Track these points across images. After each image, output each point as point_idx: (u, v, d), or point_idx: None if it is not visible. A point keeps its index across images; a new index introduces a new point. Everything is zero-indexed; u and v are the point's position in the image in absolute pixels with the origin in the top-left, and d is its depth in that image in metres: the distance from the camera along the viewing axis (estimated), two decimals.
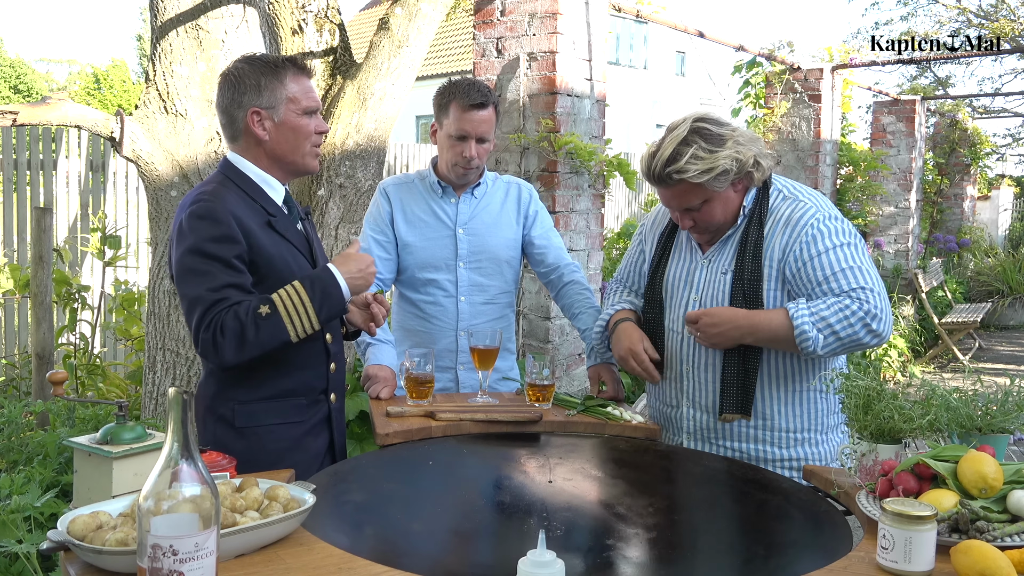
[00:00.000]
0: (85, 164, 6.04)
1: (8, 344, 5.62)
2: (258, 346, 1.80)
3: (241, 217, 1.86)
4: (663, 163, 1.96)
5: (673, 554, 1.49)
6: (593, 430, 2.13)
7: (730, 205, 2.04)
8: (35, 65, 31.68)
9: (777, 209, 2.04)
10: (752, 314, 1.98)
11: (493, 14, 4.41)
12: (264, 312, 1.79)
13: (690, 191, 1.98)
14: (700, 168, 1.93)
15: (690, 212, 2.02)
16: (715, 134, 1.97)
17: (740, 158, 1.97)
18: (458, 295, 2.53)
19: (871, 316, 1.88)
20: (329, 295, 1.86)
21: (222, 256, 1.81)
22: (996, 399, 1.65)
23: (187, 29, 3.66)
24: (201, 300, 1.79)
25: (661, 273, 2.20)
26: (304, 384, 1.99)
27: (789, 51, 7.50)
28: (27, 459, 2.95)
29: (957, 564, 1.23)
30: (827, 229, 1.97)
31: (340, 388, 2.11)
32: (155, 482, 1.04)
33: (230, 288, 1.81)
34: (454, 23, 5.63)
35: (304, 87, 1.95)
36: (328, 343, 2.02)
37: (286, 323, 1.81)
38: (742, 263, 2.02)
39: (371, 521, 1.59)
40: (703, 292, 2.09)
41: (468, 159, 2.45)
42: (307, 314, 1.84)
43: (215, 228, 1.81)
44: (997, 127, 36.11)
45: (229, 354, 1.79)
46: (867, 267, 1.95)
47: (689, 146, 1.94)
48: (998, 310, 10.66)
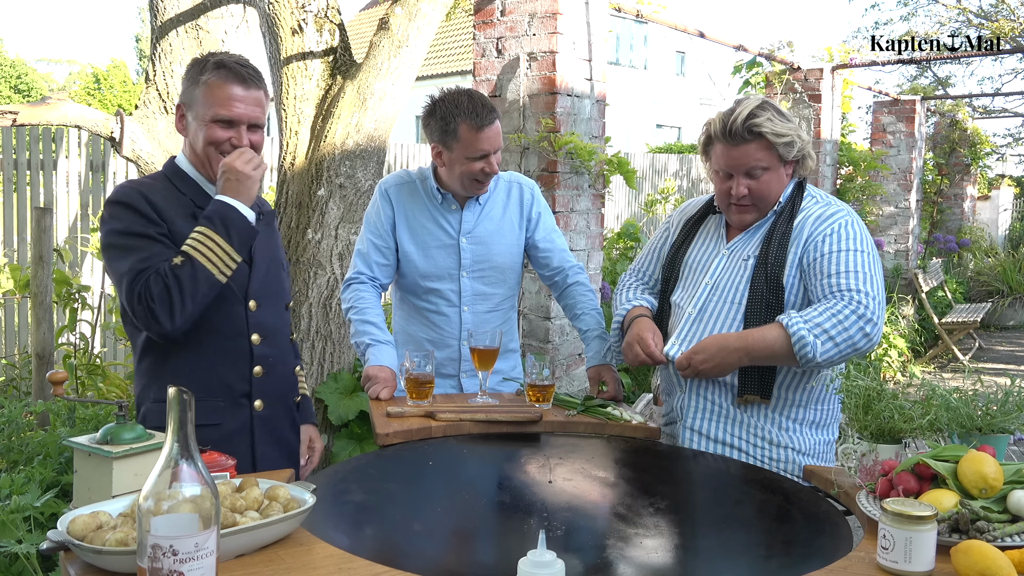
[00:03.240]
0: (85, 164, 6.04)
1: (8, 344, 5.62)
2: (191, 297, 1.78)
3: (159, 204, 1.86)
4: (744, 117, 2.01)
5: (673, 554, 1.49)
6: (593, 430, 2.13)
7: (781, 186, 2.09)
8: (35, 65, 31.66)
9: (808, 208, 2.09)
10: (743, 334, 1.97)
11: (493, 14, 4.41)
12: (179, 262, 1.78)
13: (760, 151, 2.02)
14: (777, 129, 2.01)
15: (750, 178, 2.05)
16: (782, 111, 2.06)
17: (804, 137, 2.06)
18: (461, 305, 2.50)
19: (865, 319, 1.89)
20: (230, 219, 1.83)
21: (146, 233, 1.82)
22: (996, 399, 1.65)
23: (187, 29, 3.66)
24: (126, 273, 1.79)
25: (682, 255, 2.23)
26: (221, 384, 1.92)
27: (789, 51, 7.50)
28: (27, 459, 2.95)
29: (957, 564, 1.23)
30: (850, 233, 2.02)
31: (273, 395, 2.02)
32: (155, 482, 1.04)
33: (156, 258, 1.80)
34: (454, 23, 5.63)
35: (222, 94, 1.87)
36: (255, 344, 1.96)
37: (206, 264, 1.80)
38: (767, 249, 2.05)
39: (371, 521, 1.59)
40: (717, 278, 2.10)
41: (489, 174, 2.39)
42: (219, 246, 1.82)
43: (134, 210, 1.83)
44: (997, 127, 36.11)
45: (165, 318, 1.77)
46: (875, 276, 1.98)
47: (765, 110, 2.02)
48: (998, 310, 10.66)
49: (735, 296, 2.05)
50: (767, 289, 2.01)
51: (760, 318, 2.00)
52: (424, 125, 2.43)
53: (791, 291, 2.02)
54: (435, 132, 2.39)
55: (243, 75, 1.90)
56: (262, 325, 1.98)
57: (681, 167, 12.43)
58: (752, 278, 2.04)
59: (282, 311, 2.10)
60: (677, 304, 2.16)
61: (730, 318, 2.04)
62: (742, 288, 2.05)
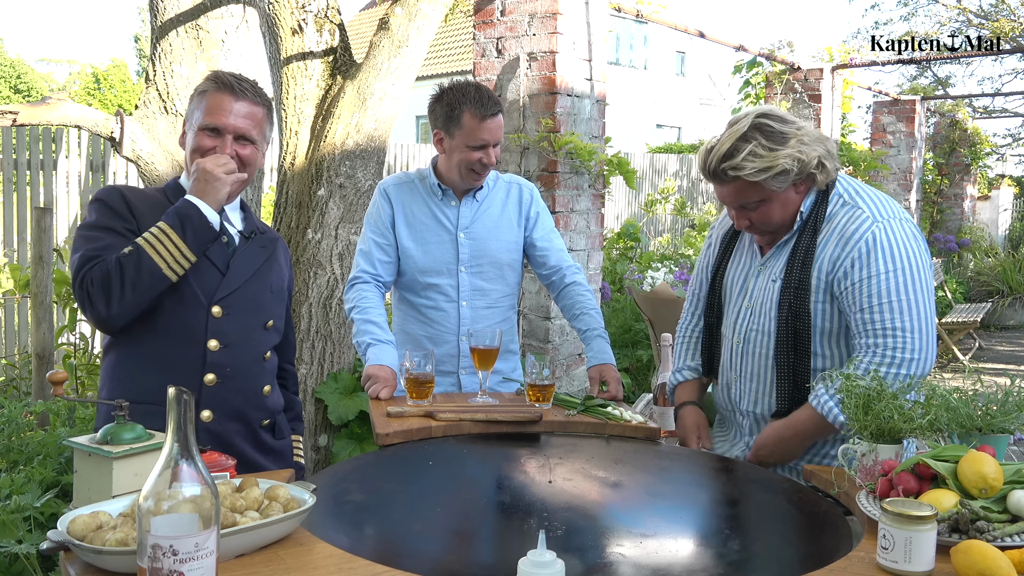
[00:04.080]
0: (85, 164, 6.04)
1: (8, 344, 5.62)
2: (131, 287, 1.76)
3: (137, 205, 1.88)
4: (719, 158, 1.88)
5: (673, 554, 1.49)
6: (593, 430, 2.13)
7: (790, 207, 1.95)
8: (35, 65, 31.65)
9: (834, 216, 1.94)
10: (790, 423, 1.94)
11: (493, 14, 4.41)
12: (127, 251, 1.78)
13: (746, 189, 1.90)
14: (757, 166, 1.86)
15: (746, 211, 1.95)
16: (777, 131, 1.88)
17: (802, 158, 1.88)
18: (459, 300, 2.51)
19: (896, 363, 1.80)
20: (189, 216, 1.82)
21: (110, 226, 1.84)
22: (996, 399, 1.65)
23: (187, 29, 3.66)
24: (76, 261, 1.80)
25: (720, 276, 2.16)
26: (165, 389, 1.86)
27: (789, 51, 7.50)
28: (27, 459, 2.95)
29: (957, 564, 1.23)
30: (880, 250, 1.85)
31: (227, 409, 1.92)
32: (155, 482, 1.04)
33: (107, 250, 1.80)
34: (454, 23, 5.63)
35: (212, 103, 1.89)
36: (211, 350, 1.88)
37: (154, 257, 1.78)
38: (791, 272, 1.95)
39: (371, 521, 1.59)
40: (755, 300, 2.04)
41: (486, 165, 2.44)
42: (172, 242, 1.80)
43: (107, 206, 1.86)
44: (997, 127, 36.10)
45: (101, 304, 1.76)
46: (914, 299, 1.83)
47: (748, 142, 1.86)
48: (998, 310, 10.66)
49: (768, 324, 2.00)
50: (792, 316, 1.94)
51: (788, 348, 1.96)
52: (430, 111, 2.48)
53: (821, 316, 1.93)
54: (440, 118, 2.44)
55: (235, 86, 1.91)
56: (224, 333, 1.91)
57: (681, 167, 12.43)
58: (779, 304, 1.96)
59: (257, 327, 2.00)
60: (725, 336, 2.14)
61: (765, 348, 2.01)
62: (772, 315, 1.99)
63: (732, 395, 2.12)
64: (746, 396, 2.08)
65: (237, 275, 1.95)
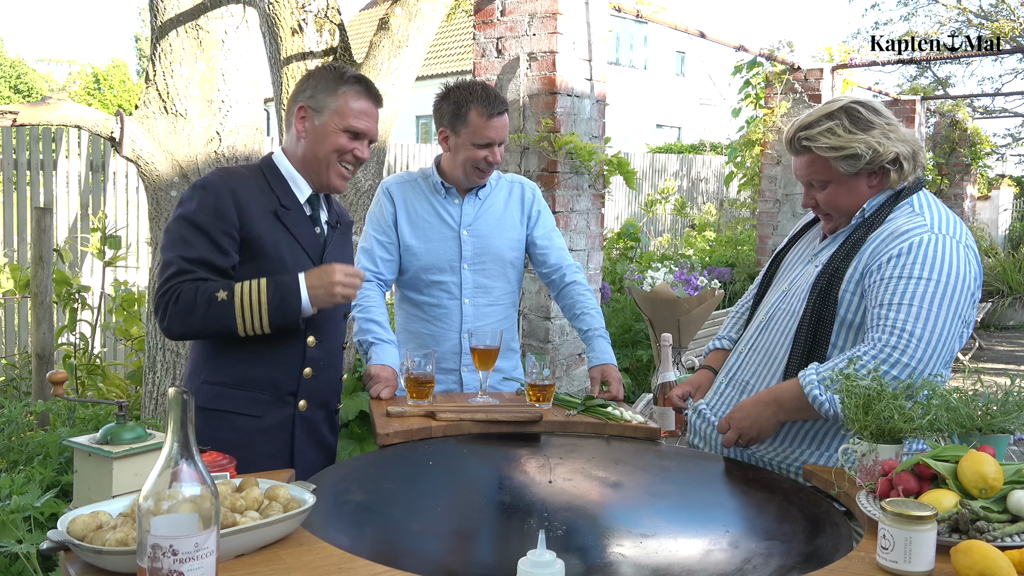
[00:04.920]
0: (85, 164, 6.04)
1: (8, 344, 5.62)
2: (203, 327, 1.84)
3: (243, 197, 1.90)
4: (797, 127, 1.93)
5: (672, 554, 1.49)
6: (593, 430, 2.13)
7: (857, 197, 1.94)
8: (35, 65, 31.68)
9: (895, 219, 1.89)
10: (772, 389, 1.92)
11: (493, 14, 4.41)
12: (221, 297, 1.83)
13: (815, 164, 1.92)
14: (830, 143, 1.87)
15: (813, 190, 1.97)
16: (864, 118, 1.88)
17: (877, 148, 1.86)
18: (462, 297, 2.52)
19: (892, 363, 1.73)
20: (286, 302, 1.87)
21: (207, 227, 1.86)
22: (996, 399, 1.64)
23: (187, 29, 3.66)
24: (172, 264, 1.85)
25: (781, 255, 2.19)
26: (269, 380, 1.96)
27: (789, 51, 7.51)
28: (27, 459, 2.95)
29: (957, 564, 1.23)
30: (924, 255, 1.79)
31: (317, 398, 2.04)
32: (155, 482, 1.04)
33: (202, 264, 1.85)
34: (454, 23, 5.63)
35: (359, 108, 1.97)
36: (309, 346, 1.99)
37: (236, 314, 1.84)
38: (834, 259, 1.93)
39: (371, 521, 1.59)
40: (795, 284, 2.03)
41: (491, 163, 2.45)
42: (260, 313, 1.85)
43: (208, 198, 1.87)
44: (997, 127, 36.13)
45: (174, 323, 1.84)
46: (936, 312, 1.75)
47: (831, 120, 1.89)
48: (998, 310, 10.66)
49: (796, 306, 1.97)
50: (820, 301, 1.91)
51: (810, 331, 1.91)
52: (435, 109, 2.49)
53: (846, 306, 1.89)
54: (446, 116, 2.46)
55: (377, 95, 2.03)
56: (319, 329, 2.00)
57: (681, 167, 12.43)
58: (812, 286, 1.93)
59: (339, 319, 2.11)
60: (755, 316, 2.12)
61: (787, 328, 1.98)
62: (803, 297, 1.96)
63: (733, 364, 2.09)
64: (749, 367, 2.04)
65: None
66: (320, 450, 2.09)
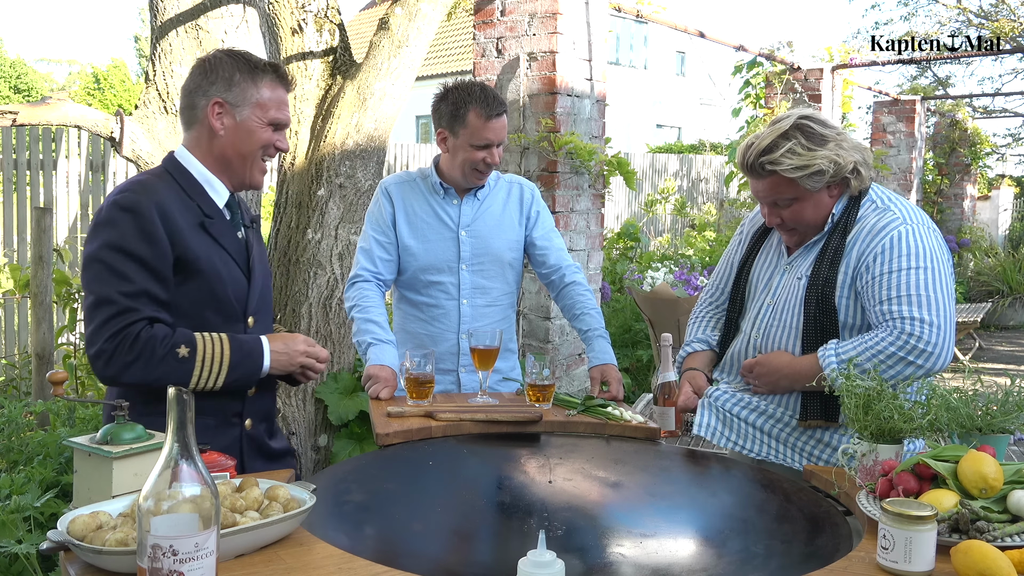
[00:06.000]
0: (85, 164, 6.04)
1: (8, 344, 5.62)
2: (156, 380, 1.71)
3: (170, 213, 1.75)
4: (758, 152, 1.93)
5: (672, 554, 1.49)
6: (593, 430, 2.13)
7: (821, 209, 1.99)
8: (35, 65, 31.65)
9: (865, 218, 1.97)
10: (794, 362, 1.96)
11: (493, 14, 4.41)
12: (182, 354, 1.73)
13: (781, 185, 1.95)
14: (794, 163, 1.90)
15: (778, 208, 1.99)
16: (817, 133, 1.93)
17: (839, 161, 1.92)
18: (460, 298, 2.51)
19: (915, 351, 1.78)
20: (246, 364, 1.81)
21: (140, 255, 1.71)
22: (996, 399, 1.65)
23: (187, 29, 3.66)
24: (111, 302, 1.70)
25: (746, 272, 2.19)
26: (212, 404, 1.82)
27: (789, 51, 7.50)
28: (27, 459, 2.96)
29: (957, 564, 1.23)
30: (905, 247, 1.87)
31: (260, 416, 1.96)
32: (155, 482, 1.04)
33: (144, 296, 1.72)
34: (454, 23, 5.63)
35: (278, 98, 1.87)
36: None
37: (195, 371, 1.75)
38: (819, 269, 1.97)
39: (371, 521, 1.59)
40: (779, 297, 2.06)
41: (490, 164, 2.44)
42: (219, 372, 1.77)
43: (137, 222, 1.71)
44: (997, 127, 36.09)
45: (126, 372, 1.70)
46: (937, 297, 1.83)
47: (788, 140, 1.91)
48: (998, 310, 10.65)
49: (792, 320, 2.01)
50: (819, 312, 1.95)
51: (816, 342, 1.95)
52: (434, 110, 2.48)
53: (846, 312, 1.95)
54: (444, 117, 2.45)
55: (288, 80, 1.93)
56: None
57: (681, 167, 12.43)
58: (805, 300, 1.97)
59: (270, 328, 2.03)
60: (743, 330, 2.14)
61: (785, 343, 2.02)
62: (797, 311, 2.00)
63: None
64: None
65: (258, 279, 1.95)
66: (268, 459, 1.99)
